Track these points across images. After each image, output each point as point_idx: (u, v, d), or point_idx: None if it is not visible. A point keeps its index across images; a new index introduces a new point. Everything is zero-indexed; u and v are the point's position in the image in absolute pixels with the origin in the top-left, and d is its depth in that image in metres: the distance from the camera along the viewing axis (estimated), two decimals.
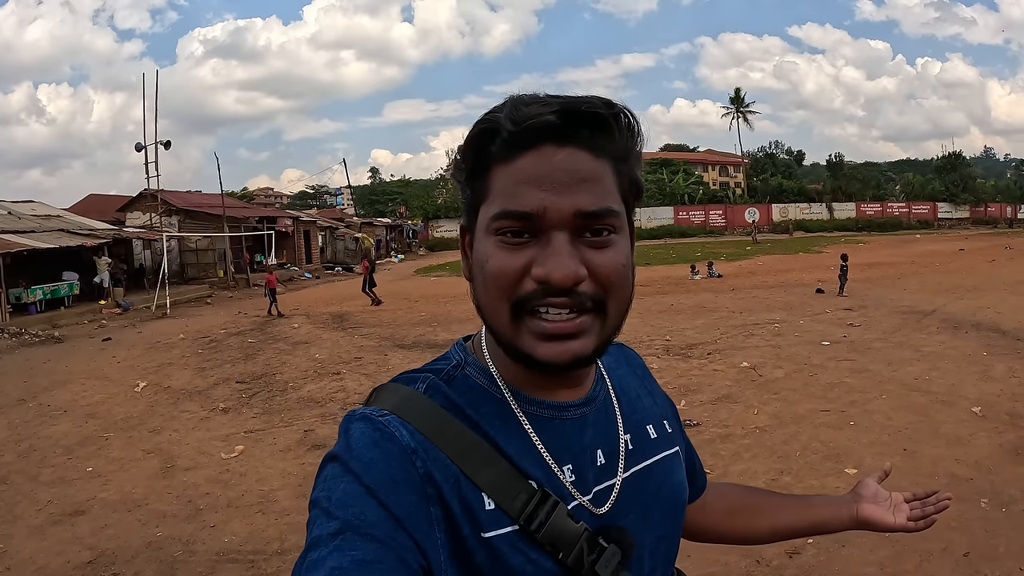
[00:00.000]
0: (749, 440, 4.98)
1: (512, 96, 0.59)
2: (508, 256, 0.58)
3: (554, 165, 0.57)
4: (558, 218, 0.56)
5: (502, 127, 0.58)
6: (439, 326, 11.54)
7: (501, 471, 0.60)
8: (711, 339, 8.96)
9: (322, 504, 0.55)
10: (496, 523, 0.58)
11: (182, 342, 11.19)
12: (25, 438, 6.06)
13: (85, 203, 29.20)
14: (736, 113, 54.05)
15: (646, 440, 0.72)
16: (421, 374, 0.66)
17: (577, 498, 0.63)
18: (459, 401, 0.63)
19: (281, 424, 6.10)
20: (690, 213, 45.69)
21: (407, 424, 0.59)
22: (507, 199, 0.58)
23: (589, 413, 0.67)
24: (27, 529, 4.11)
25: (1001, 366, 6.68)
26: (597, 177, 0.58)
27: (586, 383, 0.68)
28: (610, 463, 0.67)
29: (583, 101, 0.58)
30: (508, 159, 0.58)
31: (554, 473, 0.62)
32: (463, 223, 0.66)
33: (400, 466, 0.56)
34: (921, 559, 3.16)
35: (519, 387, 0.65)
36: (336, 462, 0.57)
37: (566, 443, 0.64)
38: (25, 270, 15.81)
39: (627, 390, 0.75)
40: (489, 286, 0.59)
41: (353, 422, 0.60)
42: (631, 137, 0.61)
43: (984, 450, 4.49)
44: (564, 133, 0.57)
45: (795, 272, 18.32)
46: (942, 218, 47.48)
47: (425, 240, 43.47)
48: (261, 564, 3.49)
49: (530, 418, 0.64)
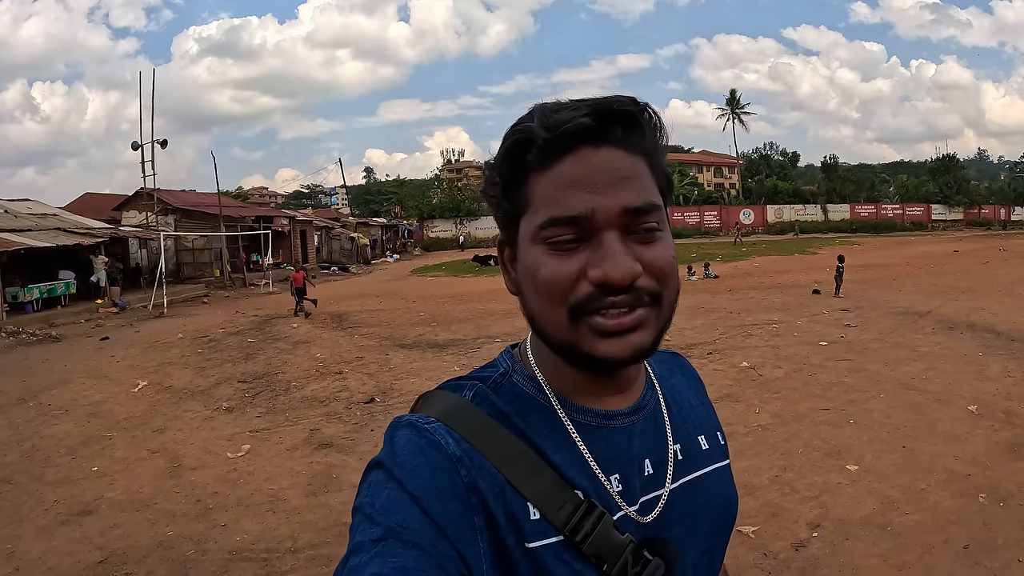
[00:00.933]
0: (751, 438, 5.05)
1: (537, 105, 0.60)
2: (560, 262, 0.57)
3: (594, 166, 0.57)
4: (607, 218, 0.57)
5: (536, 135, 0.58)
6: (439, 326, 11.57)
7: (547, 480, 0.59)
8: (710, 339, 9.03)
9: (365, 510, 0.55)
10: (541, 533, 0.57)
11: (181, 341, 11.17)
12: (27, 438, 6.05)
13: (81, 202, 29.03)
14: (731, 114, 54.24)
15: (697, 451, 0.71)
16: (468, 381, 0.65)
17: (623, 508, 0.62)
18: (506, 409, 0.62)
19: (286, 423, 6.12)
20: (685, 214, 45.82)
21: (453, 432, 0.59)
22: (552, 206, 0.57)
23: (638, 422, 0.66)
24: (34, 529, 4.10)
25: (996, 366, 6.78)
26: (636, 174, 0.59)
27: (636, 390, 0.68)
28: (658, 473, 0.66)
29: (614, 100, 0.58)
30: (546, 166, 0.58)
31: (600, 483, 0.62)
32: (502, 237, 0.65)
33: (445, 474, 0.56)
34: (923, 551, 3.23)
35: (567, 395, 0.64)
36: (380, 469, 0.57)
37: (614, 452, 0.63)
38: (22, 269, 15.72)
39: (679, 399, 0.74)
40: (543, 294, 0.58)
41: (399, 429, 0.60)
42: (658, 131, 0.62)
43: (981, 447, 4.57)
44: (599, 134, 0.58)
45: (791, 273, 18.42)
46: (936, 220, 47.80)
47: (420, 240, 43.45)
48: (275, 562, 3.52)
49: (577, 426, 0.63)
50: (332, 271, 29.19)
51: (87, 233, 19.12)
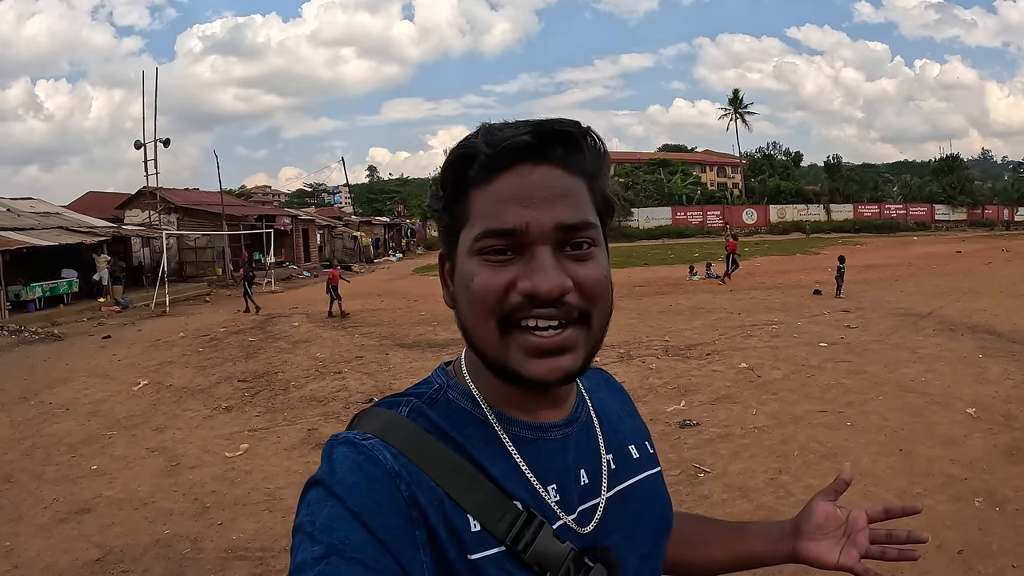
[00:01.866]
0: (748, 440, 5.05)
1: (484, 124, 0.61)
2: (492, 273, 0.58)
3: (532, 183, 0.59)
4: (540, 232, 0.58)
5: (479, 151, 0.59)
6: (439, 325, 11.58)
7: (486, 492, 0.60)
8: (710, 340, 9.03)
9: (306, 529, 0.54)
10: (482, 545, 0.58)
11: (182, 340, 11.21)
12: (28, 436, 6.09)
13: (84, 200, 29.14)
14: (734, 114, 54.15)
15: (628, 460, 0.73)
16: (404, 398, 0.66)
17: (562, 518, 0.63)
18: (442, 424, 0.63)
19: (285, 423, 6.14)
20: (688, 214, 45.78)
21: (391, 447, 0.59)
22: (489, 219, 0.59)
23: (571, 433, 0.67)
24: (34, 527, 4.13)
25: (996, 368, 6.77)
26: (573, 192, 0.60)
27: (568, 403, 0.69)
28: (593, 483, 0.67)
29: (554, 121, 0.60)
30: (486, 181, 0.60)
31: (538, 493, 0.62)
32: (442, 251, 0.67)
33: (384, 489, 0.56)
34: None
35: (502, 408, 0.65)
36: (319, 487, 0.57)
37: (550, 463, 0.64)
38: (24, 267, 15.80)
39: (608, 411, 0.75)
40: (475, 304, 0.59)
41: (336, 446, 0.60)
42: (599, 156, 0.63)
43: (979, 450, 4.56)
44: (539, 152, 0.59)
45: (792, 273, 18.40)
46: (939, 220, 47.66)
47: (423, 239, 43.47)
48: (270, 561, 3.54)
49: (513, 439, 0.64)
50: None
51: (90, 232, 19.19)
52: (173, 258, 22.18)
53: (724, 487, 4.25)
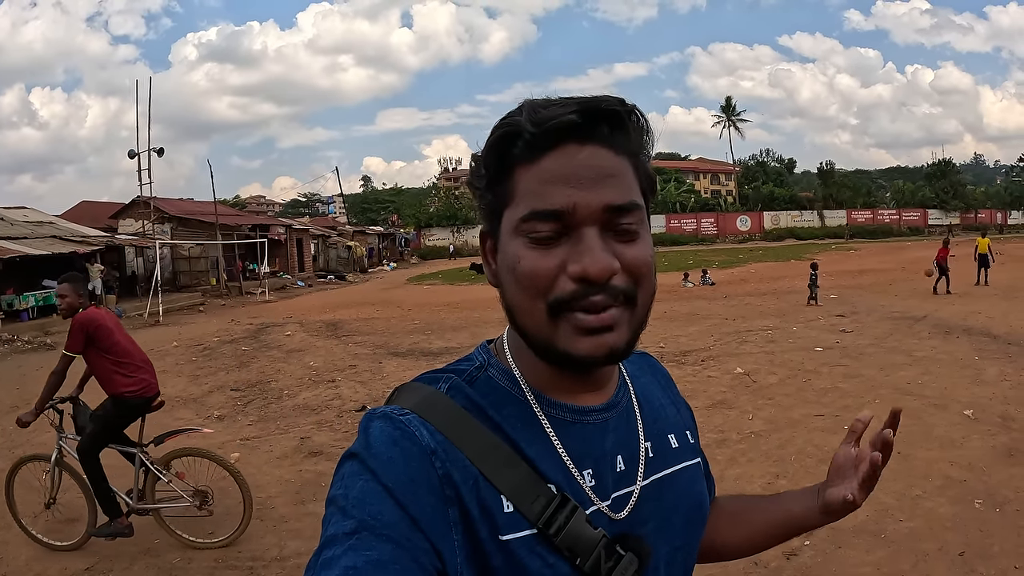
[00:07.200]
0: (744, 445, 5.01)
1: (527, 101, 0.60)
2: (540, 256, 0.58)
3: (579, 163, 0.57)
4: (588, 214, 0.57)
5: (523, 129, 0.58)
6: (433, 334, 11.54)
7: (521, 474, 0.59)
8: (705, 345, 9.01)
9: (339, 502, 0.54)
10: (514, 526, 0.58)
11: (176, 350, 11.12)
12: (19, 445, 6.00)
13: (77, 210, 29.00)
14: (727, 121, 54.50)
15: (667, 449, 0.71)
16: (444, 374, 0.65)
17: (596, 503, 0.62)
18: (481, 402, 0.62)
19: (277, 432, 6.07)
20: (682, 221, 46.00)
21: (427, 424, 0.59)
22: (535, 199, 0.58)
23: (611, 418, 0.67)
24: (22, 536, 4.05)
25: (992, 370, 6.76)
26: (620, 172, 0.59)
27: (609, 387, 0.68)
28: (630, 470, 0.66)
29: (601, 99, 0.59)
30: (531, 160, 0.59)
31: (574, 477, 0.62)
32: (484, 228, 0.66)
33: (419, 466, 0.56)
34: (917, 559, 3.19)
35: (542, 390, 0.64)
36: (355, 460, 0.57)
37: (587, 447, 0.64)
38: (17, 276, 15.70)
39: (650, 398, 0.74)
40: (523, 287, 0.58)
41: (373, 420, 0.60)
42: (644, 133, 0.62)
43: (977, 452, 4.54)
44: (585, 131, 0.58)
45: (787, 279, 18.42)
46: (933, 224, 47.98)
47: (417, 249, 43.49)
48: (260, 570, 3.48)
49: (552, 421, 0.63)
50: (329, 279, 29.17)
51: (83, 241, 19.10)
52: (167, 268, 22.09)
53: (721, 492, 4.20)
